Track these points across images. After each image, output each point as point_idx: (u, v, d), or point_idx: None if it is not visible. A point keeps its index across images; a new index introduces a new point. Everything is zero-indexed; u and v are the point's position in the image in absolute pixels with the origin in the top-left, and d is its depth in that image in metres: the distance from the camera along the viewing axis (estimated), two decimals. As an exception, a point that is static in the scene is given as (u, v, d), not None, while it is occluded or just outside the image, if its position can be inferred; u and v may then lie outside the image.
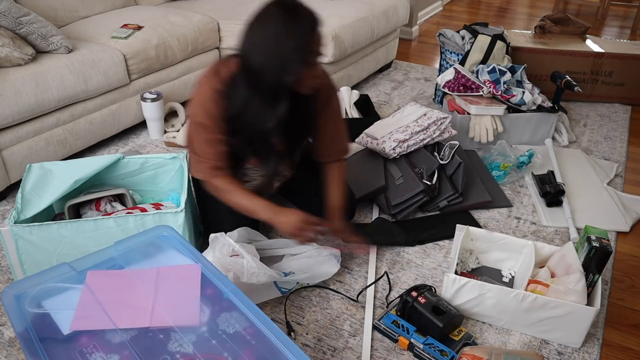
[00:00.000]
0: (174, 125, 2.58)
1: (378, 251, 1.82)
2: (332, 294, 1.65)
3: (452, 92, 2.54)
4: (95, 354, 1.00)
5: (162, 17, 2.64)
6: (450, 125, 2.17)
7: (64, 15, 2.60)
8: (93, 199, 1.72)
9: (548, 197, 2.08)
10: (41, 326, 1.05)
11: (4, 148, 2.01)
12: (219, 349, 1.02)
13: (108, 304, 1.11)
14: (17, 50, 2.00)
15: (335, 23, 2.64)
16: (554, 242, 1.90)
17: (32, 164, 1.71)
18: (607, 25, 4.80)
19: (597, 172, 2.32)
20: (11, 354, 1.44)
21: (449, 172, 2.05)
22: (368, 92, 3.10)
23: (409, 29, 4.15)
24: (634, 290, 1.72)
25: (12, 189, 2.10)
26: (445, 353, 1.39)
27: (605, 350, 1.50)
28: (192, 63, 2.71)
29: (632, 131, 2.78)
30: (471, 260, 1.72)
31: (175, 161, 1.83)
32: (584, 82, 3.00)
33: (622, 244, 1.93)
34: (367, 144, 2.17)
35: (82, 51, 2.23)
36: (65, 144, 2.22)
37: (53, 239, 1.52)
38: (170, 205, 1.78)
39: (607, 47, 3.01)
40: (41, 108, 2.05)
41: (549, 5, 5.37)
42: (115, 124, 2.42)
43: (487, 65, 2.51)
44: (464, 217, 1.98)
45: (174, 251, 1.27)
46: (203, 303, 1.12)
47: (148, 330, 1.06)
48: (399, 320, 1.50)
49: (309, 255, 1.65)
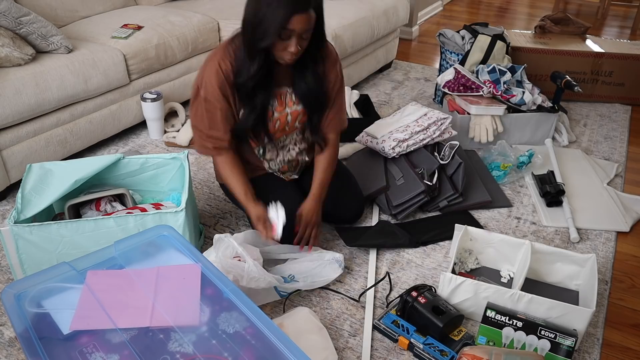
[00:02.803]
0: (174, 125, 2.58)
1: (378, 251, 1.82)
2: (332, 294, 1.65)
3: (452, 92, 2.54)
4: (95, 354, 1.00)
5: (162, 17, 2.63)
6: (451, 125, 2.17)
7: (64, 15, 2.60)
8: (93, 199, 1.72)
9: (548, 197, 2.08)
10: (41, 326, 1.05)
11: (4, 148, 2.01)
12: (219, 349, 1.02)
13: (108, 303, 1.11)
14: (17, 50, 2.00)
15: (335, 23, 2.64)
16: (554, 242, 1.90)
17: (32, 164, 1.71)
18: (607, 25, 4.80)
19: (597, 172, 2.32)
20: (11, 354, 1.44)
21: (449, 172, 2.05)
22: (368, 92, 3.10)
23: (409, 29, 4.15)
24: (634, 290, 1.72)
25: (12, 189, 2.10)
26: (445, 353, 1.39)
27: (605, 350, 1.50)
28: (192, 63, 2.71)
29: (632, 131, 2.78)
30: (470, 261, 1.72)
31: (176, 161, 1.82)
32: (584, 82, 3.00)
33: (622, 244, 1.93)
34: (367, 143, 2.17)
35: (82, 51, 2.23)
36: (65, 144, 2.22)
37: (53, 239, 1.52)
38: (170, 205, 1.78)
39: (607, 47, 3.01)
40: (41, 108, 2.05)
41: (549, 5, 5.37)
42: (115, 124, 2.42)
43: (487, 65, 2.51)
44: (465, 218, 1.98)
45: (174, 251, 1.27)
46: (203, 303, 1.12)
47: (148, 330, 1.06)
48: (399, 320, 1.50)
49: (310, 259, 1.65)
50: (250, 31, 1.43)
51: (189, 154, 1.80)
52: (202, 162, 2.33)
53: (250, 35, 1.44)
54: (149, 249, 1.28)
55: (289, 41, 1.42)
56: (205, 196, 2.11)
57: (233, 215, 2.00)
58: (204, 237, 1.85)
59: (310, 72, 1.59)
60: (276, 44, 1.43)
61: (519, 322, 1.39)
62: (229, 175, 1.65)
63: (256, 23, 1.40)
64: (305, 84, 1.61)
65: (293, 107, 1.66)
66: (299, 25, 1.38)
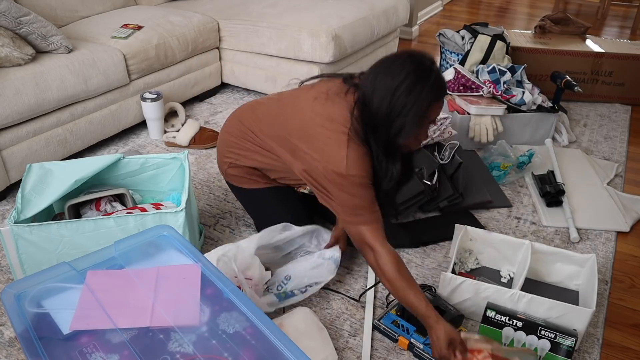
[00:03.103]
0: (174, 125, 2.58)
1: (378, 251, 1.82)
2: (332, 294, 1.65)
3: (452, 92, 2.54)
4: (95, 354, 1.00)
5: (162, 17, 2.64)
6: (450, 125, 2.17)
7: (64, 15, 2.60)
8: (93, 199, 1.72)
9: (548, 197, 2.08)
10: (41, 326, 1.05)
11: (4, 148, 2.01)
12: (219, 349, 1.02)
13: (108, 303, 1.11)
14: (17, 50, 2.00)
15: (335, 23, 2.64)
16: (554, 242, 1.90)
17: (32, 163, 1.71)
18: (607, 25, 4.80)
19: (597, 172, 2.32)
20: (11, 354, 1.44)
21: (449, 172, 2.05)
22: (368, 92, 3.09)
23: (409, 29, 4.15)
24: (634, 290, 1.72)
25: (12, 189, 2.10)
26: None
27: (605, 350, 1.50)
28: (192, 63, 2.71)
29: (632, 131, 2.78)
30: (470, 261, 1.72)
31: (176, 161, 1.82)
32: (584, 82, 3.00)
33: (622, 244, 1.93)
34: (367, 144, 2.17)
35: (82, 51, 2.23)
36: (65, 144, 2.22)
37: (53, 239, 1.52)
38: (170, 205, 1.78)
39: (607, 47, 3.01)
40: (41, 108, 2.05)
41: (549, 5, 5.37)
42: (115, 124, 2.42)
43: (487, 65, 2.51)
44: (466, 218, 1.97)
45: (174, 251, 1.27)
46: (203, 303, 1.12)
47: (148, 330, 1.06)
48: (399, 320, 1.50)
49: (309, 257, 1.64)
50: (386, 124, 1.29)
51: (188, 154, 1.80)
52: (202, 162, 2.33)
53: (385, 129, 1.30)
54: (149, 249, 1.28)
55: (424, 128, 1.33)
56: (205, 196, 2.11)
57: (233, 215, 2.00)
58: (204, 237, 1.85)
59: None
60: (416, 133, 1.32)
61: (519, 322, 1.39)
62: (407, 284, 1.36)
63: (395, 115, 1.27)
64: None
65: None
66: (437, 114, 1.31)
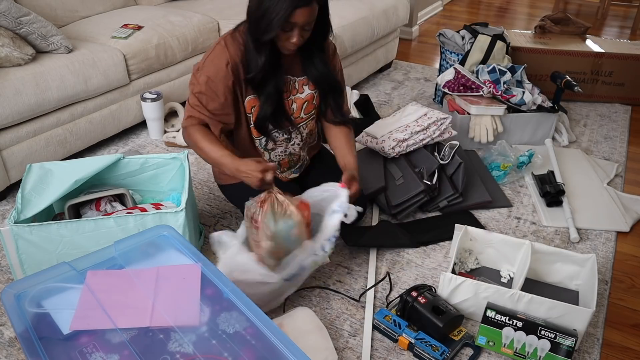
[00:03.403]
0: (174, 125, 2.58)
1: (378, 251, 1.82)
2: (332, 294, 1.65)
3: (452, 92, 2.54)
4: (95, 354, 1.00)
5: (162, 17, 2.63)
6: (450, 125, 2.17)
7: (64, 15, 2.60)
8: (93, 199, 1.72)
9: (548, 197, 2.08)
10: (41, 326, 1.05)
11: (4, 148, 2.01)
12: (219, 349, 1.02)
13: (108, 303, 1.11)
14: (17, 50, 2.00)
15: (335, 23, 2.62)
16: (554, 242, 1.90)
17: (32, 164, 1.71)
18: (607, 25, 4.80)
19: (597, 172, 2.32)
20: (11, 354, 1.44)
21: (449, 172, 2.05)
22: (368, 92, 3.09)
23: (409, 29, 4.15)
24: (634, 290, 1.72)
25: (12, 189, 2.10)
26: (436, 347, 1.39)
27: (605, 350, 1.50)
28: (192, 63, 2.71)
29: (632, 131, 2.78)
30: (470, 261, 1.72)
31: (176, 161, 1.82)
32: (584, 82, 3.00)
33: (622, 244, 1.93)
34: (366, 143, 2.17)
35: (82, 51, 2.23)
36: (65, 144, 2.22)
37: (53, 239, 1.52)
38: (170, 205, 1.78)
39: (607, 47, 3.01)
40: (41, 108, 2.05)
41: (549, 5, 5.37)
42: (115, 124, 2.42)
43: (487, 65, 2.51)
44: (467, 218, 1.97)
45: (174, 251, 1.27)
46: (203, 303, 1.12)
47: (148, 330, 1.06)
48: (391, 315, 1.50)
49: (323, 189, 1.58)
50: (254, 23, 1.46)
51: (188, 154, 1.80)
52: (202, 162, 2.33)
53: (254, 28, 1.47)
54: (149, 249, 1.28)
55: (291, 32, 1.46)
56: (205, 196, 2.11)
57: (233, 215, 2.00)
58: (204, 237, 1.85)
59: (319, 59, 1.65)
60: (280, 35, 1.46)
61: (519, 322, 1.39)
62: (207, 143, 1.55)
63: (259, 16, 1.43)
64: (316, 70, 1.66)
65: (299, 94, 1.69)
66: (301, 19, 1.42)
